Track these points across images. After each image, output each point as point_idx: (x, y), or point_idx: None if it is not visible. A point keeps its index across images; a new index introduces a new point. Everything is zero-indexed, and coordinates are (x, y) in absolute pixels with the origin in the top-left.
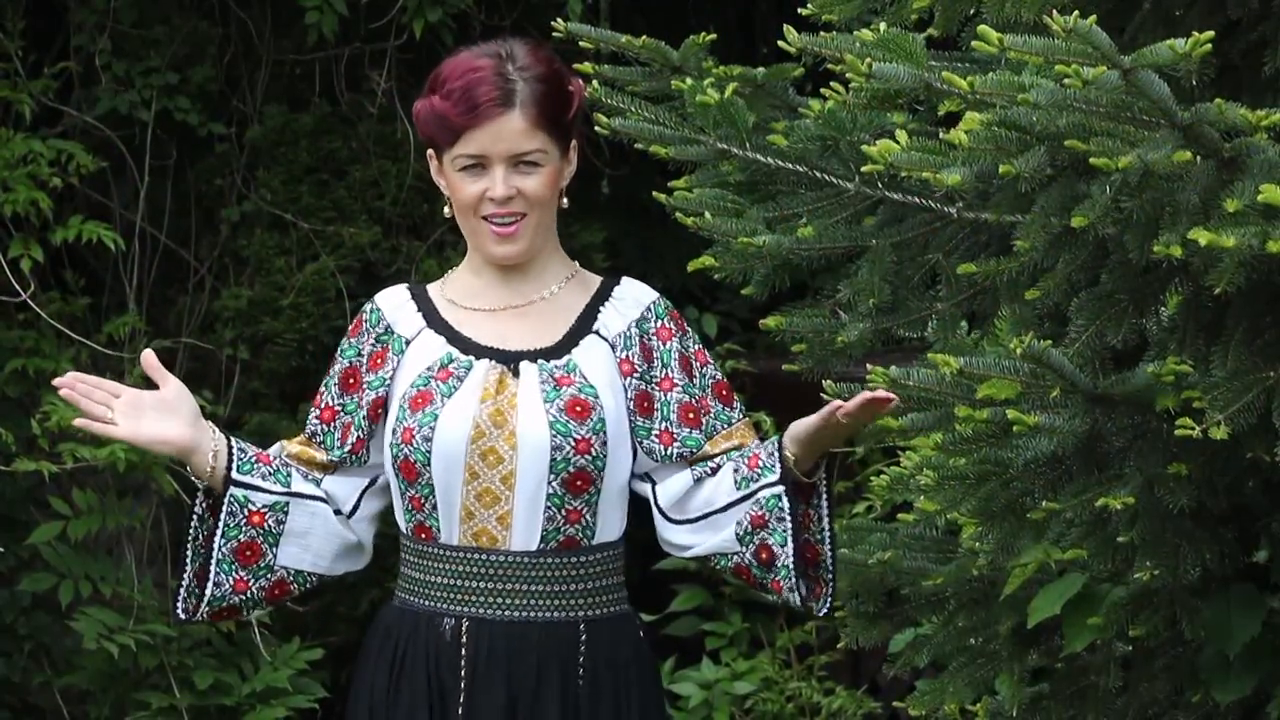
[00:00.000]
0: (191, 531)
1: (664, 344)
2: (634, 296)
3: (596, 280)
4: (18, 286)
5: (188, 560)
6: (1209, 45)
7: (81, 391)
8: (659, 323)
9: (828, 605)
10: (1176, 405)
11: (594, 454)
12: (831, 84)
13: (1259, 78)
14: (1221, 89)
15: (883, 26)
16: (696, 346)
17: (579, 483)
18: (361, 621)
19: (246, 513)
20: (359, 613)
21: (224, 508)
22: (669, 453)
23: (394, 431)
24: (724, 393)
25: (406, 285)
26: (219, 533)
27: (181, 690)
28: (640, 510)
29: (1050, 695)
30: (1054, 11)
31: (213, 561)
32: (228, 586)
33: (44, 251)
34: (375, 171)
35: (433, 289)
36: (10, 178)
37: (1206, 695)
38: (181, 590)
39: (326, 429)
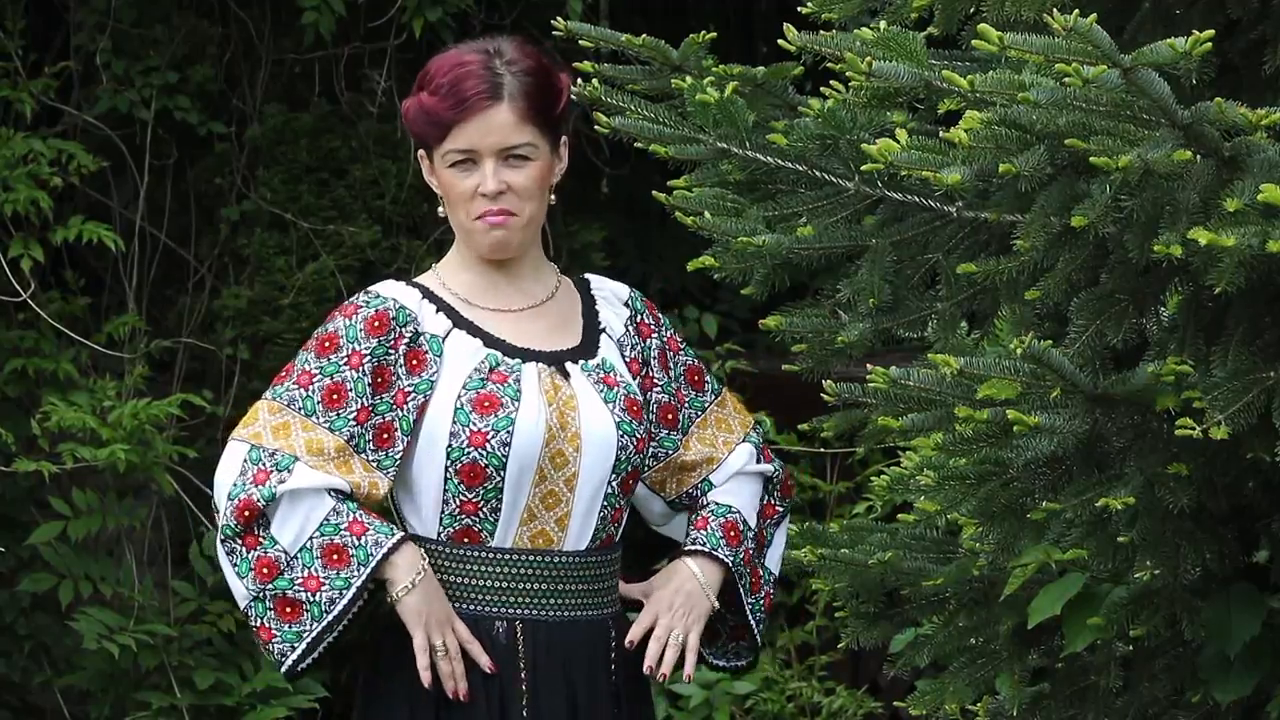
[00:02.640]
0: (343, 610)
1: (645, 340)
2: (614, 294)
3: (570, 280)
4: (18, 286)
5: (325, 628)
6: (1209, 44)
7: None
8: (639, 319)
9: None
10: (1177, 405)
11: (645, 452)
12: (831, 83)
13: (1259, 77)
14: (1221, 88)
15: (882, 25)
16: (669, 333)
17: (631, 481)
18: (356, 621)
19: None
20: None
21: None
22: (647, 451)
23: (454, 435)
24: (695, 378)
25: (405, 281)
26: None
27: (182, 690)
28: (639, 510)
29: (1051, 695)
30: (1054, 10)
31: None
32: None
33: (44, 251)
34: (375, 171)
35: (433, 286)
36: (10, 177)
37: (1207, 695)
38: (298, 650)
39: (361, 430)
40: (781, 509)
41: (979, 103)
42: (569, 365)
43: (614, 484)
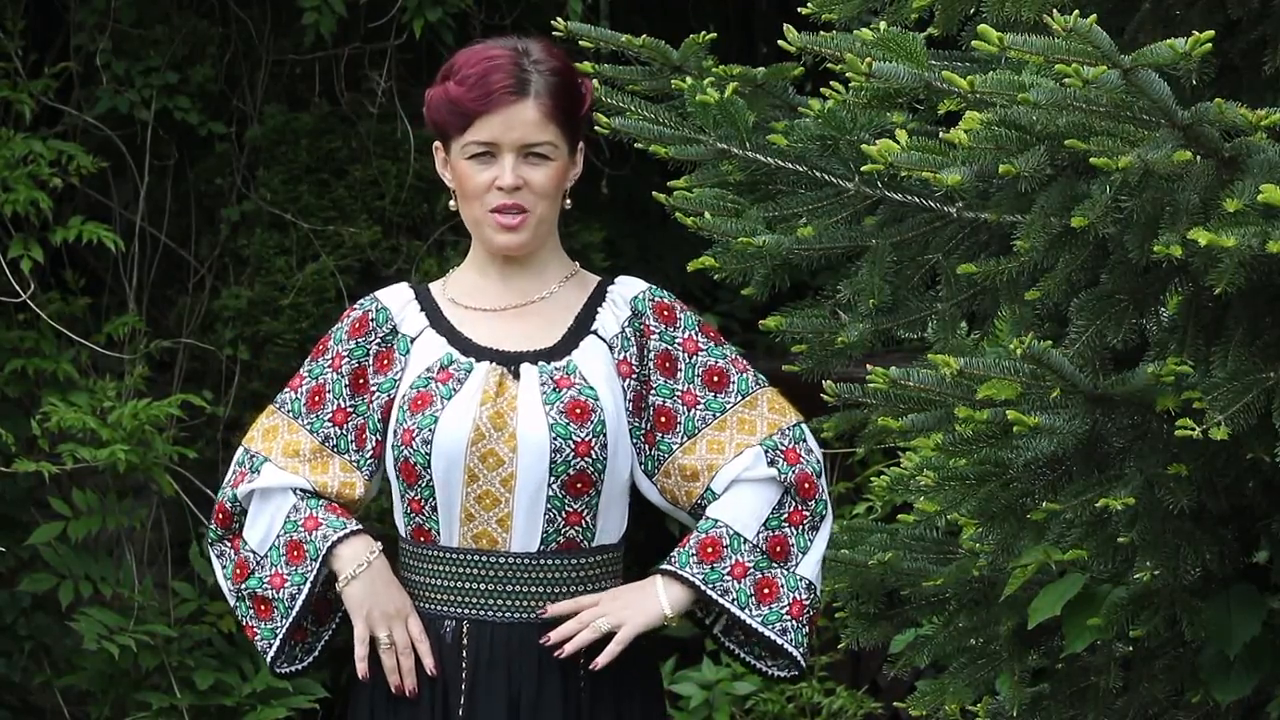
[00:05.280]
0: (301, 605)
1: (646, 341)
2: (623, 295)
3: (594, 280)
4: (17, 287)
5: (289, 621)
6: (1209, 45)
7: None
8: (642, 320)
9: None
10: (1177, 406)
11: (594, 456)
12: (831, 83)
13: (1259, 77)
14: (1221, 89)
15: (882, 26)
16: (687, 334)
17: (579, 485)
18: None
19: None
20: None
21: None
22: (651, 454)
23: (394, 433)
24: (716, 378)
25: (408, 284)
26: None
27: (182, 690)
28: (640, 511)
29: (1051, 696)
30: (1054, 11)
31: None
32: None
33: (44, 251)
34: (375, 171)
35: (435, 288)
36: (10, 178)
37: (1206, 695)
38: (275, 645)
39: (340, 432)
40: (809, 512)
41: (979, 103)
42: (524, 366)
43: (554, 487)
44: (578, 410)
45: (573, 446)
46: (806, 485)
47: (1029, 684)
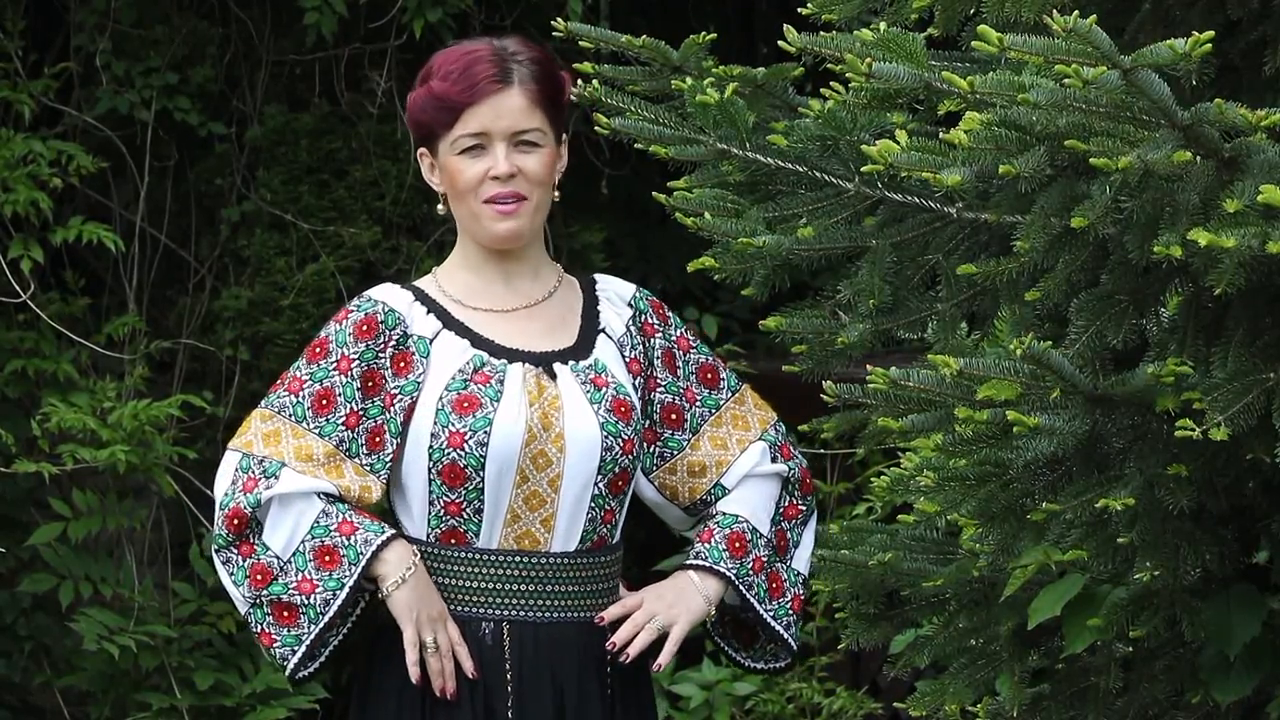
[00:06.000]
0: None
1: (649, 339)
2: (618, 294)
3: (575, 280)
4: (17, 287)
5: (317, 630)
6: (1209, 45)
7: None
8: (643, 319)
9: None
10: (1176, 406)
11: (634, 454)
12: (831, 84)
13: (1259, 78)
14: (1221, 89)
15: (883, 26)
16: (679, 332)
17: (620, 483)
18: (360, 622)
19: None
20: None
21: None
22: (651, 450)
23: (435, 435)
24: (709, 375)
25: (399, 285)
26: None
27: (182, 691)
28: (639, 510)
29: (1051, 696)
30: (1054, 11)
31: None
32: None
33: (44, 252)
34: (375, 171)
35: (428, 287)
36: (10, 178)
37: (1207, 696)
38: (299, 653)
39: (352, 435)
40: (805, 507)
41: (979, 104)
42: (557, 366)
43: (601, 485)
44: (622, 408)
45: (621, 444)
46: (807, 481)
47: (1029, 684)
